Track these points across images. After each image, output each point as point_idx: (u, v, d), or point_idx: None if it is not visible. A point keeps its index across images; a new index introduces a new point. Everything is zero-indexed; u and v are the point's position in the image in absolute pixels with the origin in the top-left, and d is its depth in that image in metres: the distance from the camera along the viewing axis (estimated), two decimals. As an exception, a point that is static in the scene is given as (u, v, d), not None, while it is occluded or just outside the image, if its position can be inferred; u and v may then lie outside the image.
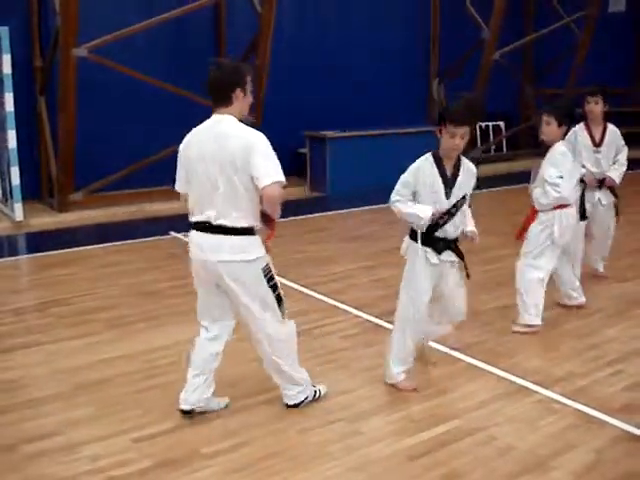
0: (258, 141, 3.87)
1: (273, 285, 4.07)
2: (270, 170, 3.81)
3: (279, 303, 4.12)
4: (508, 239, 5.54)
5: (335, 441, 3.98)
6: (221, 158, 3.85)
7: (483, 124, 14.19)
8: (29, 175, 9.93)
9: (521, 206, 5.85)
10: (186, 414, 4.20)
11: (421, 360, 4.83)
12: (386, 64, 13.28)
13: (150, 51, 10.84)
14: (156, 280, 6.89)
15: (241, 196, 3.88)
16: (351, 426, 4.15)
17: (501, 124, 14.46)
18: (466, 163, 4.43)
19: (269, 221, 4.05)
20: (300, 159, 12.31)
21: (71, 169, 9.92)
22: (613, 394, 4.52)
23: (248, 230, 3.96)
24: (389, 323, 5.68)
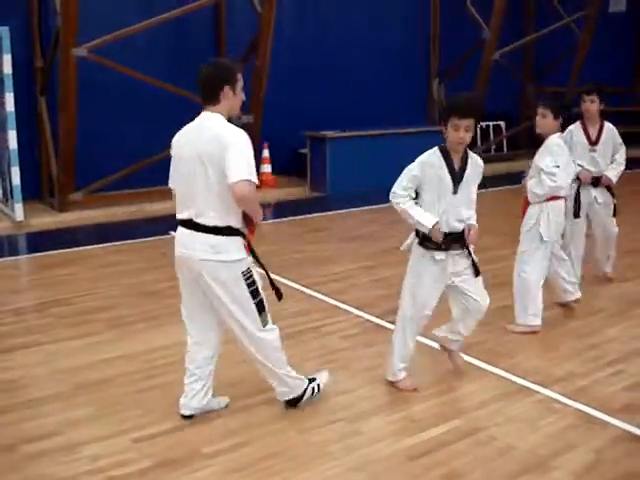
0: (236, 139, 3.80)
1: (253, 291, 3.96)
2: (241, 168, 3.71)
3: (260, 311, 4.01)
4: (508, 239, 5.54)
5: (335, 441, 3.98)
6: (200, 155, 3.81)
7: (484, 124, 14.19)
8: (29, 175, 9.94)
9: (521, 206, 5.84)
10: (187, 417, 4.21)
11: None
12: (386, 64, 13.28)
13: (150, 51, 10.84)
14: (156, 280, 6.88)
15: (216, 194, 3.81)
16: (351, 426, 4.15)
17: (501, 124, 14.46)
18: (473, 157, 4.38)
19: (249, 223, 3.96)
20: (300, 159, 12.32)
21: (71, 169, 9.93)
22: (613, 394, 4.52)
23: (227, 230, 3.87)
24: (389, 323, 5.69)
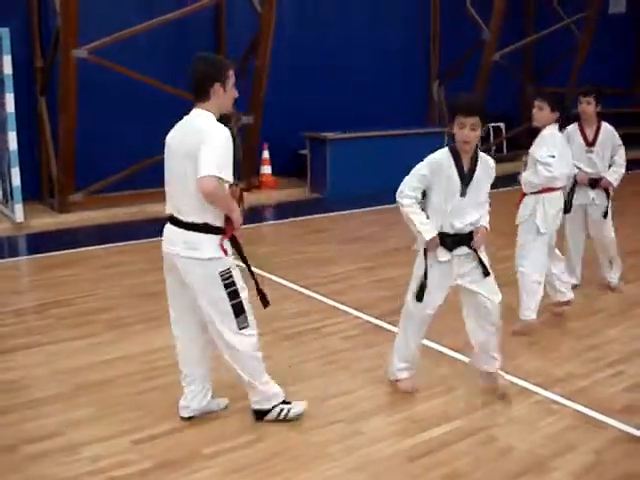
0: (214, 135, 3.74)
1: (231, 292, 3.89)
2: (210, 163, 3.64)
3: (237, 313, 3.93)
4: (509, 239, 5.54)
5: (336, 441, 3.99)
6: (181, 152, 3.80)
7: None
8: (30, 176, 9.93)
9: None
10: (186, 419, 4.22)
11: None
12: (386, 65, 13.28)
13: (150, 52, 10.84)
14: (157, 281, 6.83)
15: (193, 190, 3.75)
16: (352, 426, 4.15)
17: (501, 125, 14.45)
18: (484, 157, 4.31)
19: (228, 222, 3.88)
20: (300, 160, 12.31)
21: (71, 170, 9.92)
22: (613, 395, 4.53)
23: (203, 227, 3.83)
24: (390, 324, 5.70)
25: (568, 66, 14.52)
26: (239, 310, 3.94)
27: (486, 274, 4.33)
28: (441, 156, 4.26)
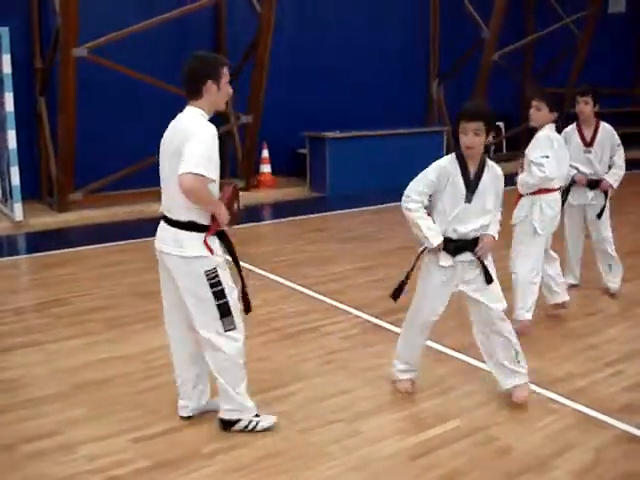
0: (199, 132, 3.69)
1: (217, 292, 3.83)
2: (191, 160, 3.60)
3: (223, 314, 3.86)
4: (509, 240, 5.53)
5: (335, 441, 3.98)
6: (170, 150, 3.78)
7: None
8: (29, 175, 9.94)
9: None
10: (185, 418, 4.21)
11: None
12: (385, 65, 13.29)
13: (150, 51, 10.84)
14: (156, 280, 6.77)
15: (177, 188, 3.72)
16: (351, 426, 4.15)
17: (501, 125, 14.45)
18: (492, 166, 4.24)
19: (213, 220, 3.82)
20: (300, 160, 12.32)
21: (71, 169, 9.93)
22: (613, 394, 4.52)
23: (189, 225, 3.79)
24: (389, 323, 5.70)
25: (567, 66, 14.53)
26: (225, 311, 3.86)
27: (489, 281, 4.26)
28: (447, 162, 4.22)
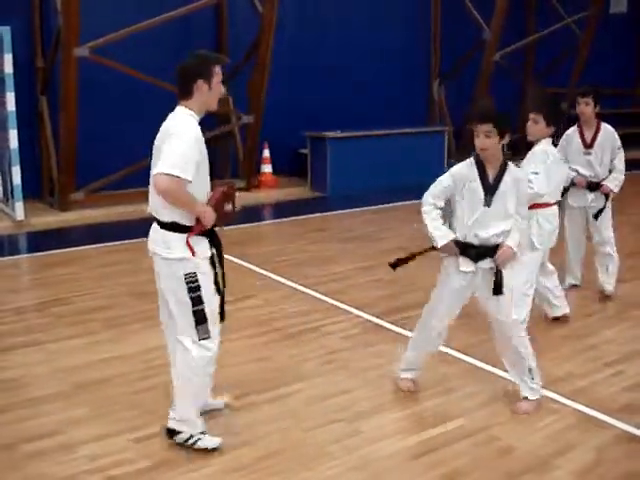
0: (180, 132, 3.64)
1: (194, 298, 3.72)
2: (167, 160, 3.55)
3: (198, 322, 3.75)
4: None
5: (336, 441, 3.98)
6: (155, 151, 3.75)
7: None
8: (30, 174, 9.93)
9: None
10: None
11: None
12: (386, 64, 13.27)
13: (151, 51, 10.83)
14: (155, 280, 6.87)
15: None
16: (351, 426, 4.15)
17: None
18: (513, 169, 4.18)
19: (196, 221, 3.73)
20: (301, 159, 12.32)
21: (72, 168, 9.93)
22: (613, 395, 4.52)
23: (171, 225, 3.72)
24: (390, 323, 5.71)
25: (569, 66, 14.52)
26: (201, 318, 3.75)
27: (496, 292, 4.17)
28: (465, 166, 4.21)
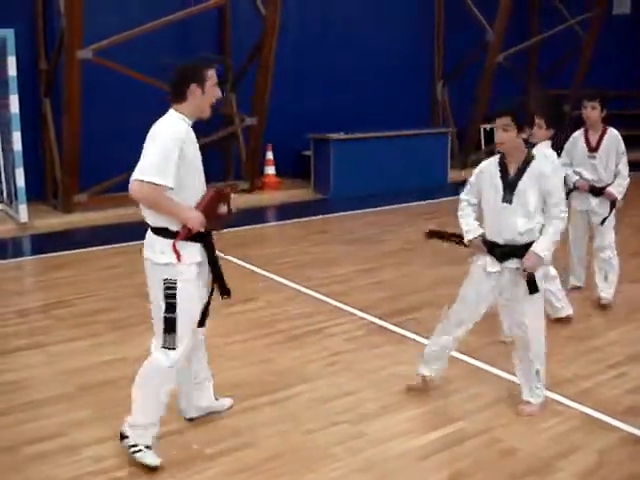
0: (158, 136, 3.63)
1: (169, 305, 3.65)
2: (144, 166, 3.56)
3: (167, 330, 3.67)
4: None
5: (339, 442, 3.98)
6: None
7: (487, 126, 14.18)
8: (34, 176, 9.95)
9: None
10: (189, 420, 4.21)
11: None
12: (390, 66, 13.27)
13: (155, 53, 10.83)
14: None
15: None
16: (355, 427, 4.14)
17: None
18: (535, 163, 4.06)
19: (183, 226, 3.68)
20: (304, 161, 12.32)
21: (76, 171, 9.94)
22: (617, 397, 4.51)
23: (158, 230, 3.72)
24: (393, 325, 5.71)
25: (572, 67, 14.51)
26: (169, 327, 3.67)
27: (531, 291, 4.12)
28: (489, 163, 4.21)
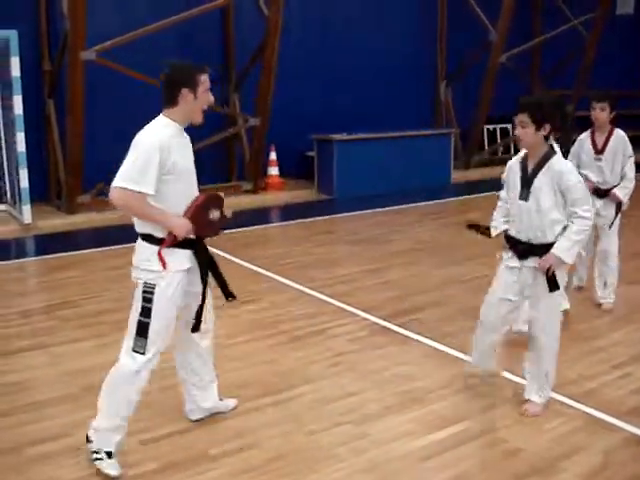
0: (140, 141, 3.64)
1: (145, 309, 3.71)
2: (123, 172, 3.56)
3: (138, 333, 3.69)
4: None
5: (343, 443, 3.98)
6: None
7: (490, 127, 14.18)
8: (37, 177, 9.98)
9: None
10: (194, 420, 4.22)
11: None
12: (393, 67, 13.29)
13: (158, 54, 10.82)
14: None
15: None
16: (359, 428, 4.14)
17: (508, 127, 14.45)
18: (552, 162, 4.01)
19: (168, 233, 3.76)
20: (307, 162, 12.33)
21: (79, 171, 9.96)
22: (621, 397, 4.51)
23: (144, 236, 3.78)
24: (397, 326, 5.71)
25: (575, 68, 14.51)
26: (141, 330, 3.69)
27: (552, 288, 4.09)
28: (515, 160, 4.21)
